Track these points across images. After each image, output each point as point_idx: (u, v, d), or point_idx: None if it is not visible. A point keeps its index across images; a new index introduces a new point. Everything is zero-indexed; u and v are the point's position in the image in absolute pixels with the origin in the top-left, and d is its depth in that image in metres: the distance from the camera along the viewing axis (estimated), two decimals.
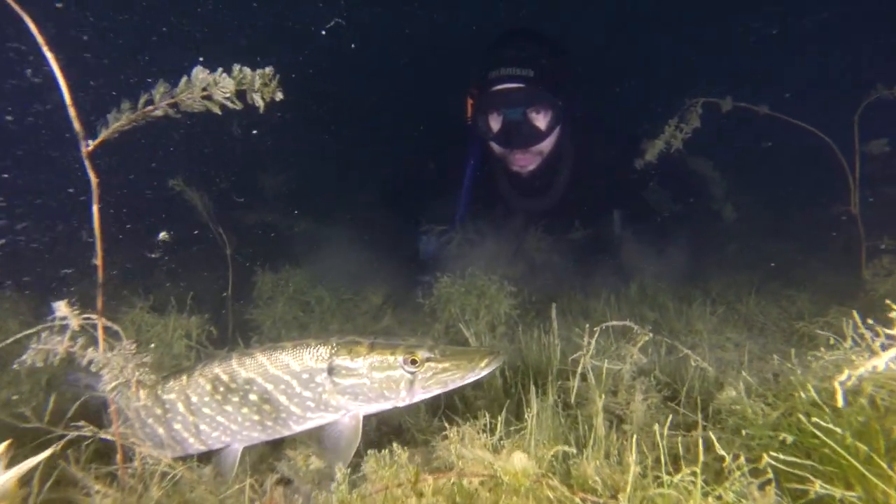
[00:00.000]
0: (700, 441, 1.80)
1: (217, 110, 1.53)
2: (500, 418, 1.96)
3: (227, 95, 1.49)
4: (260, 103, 1.53)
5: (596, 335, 2.01)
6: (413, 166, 5.76)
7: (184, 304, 3.87)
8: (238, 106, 1.53)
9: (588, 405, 2.17)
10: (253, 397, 2.04)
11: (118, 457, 1.69)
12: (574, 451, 1.59)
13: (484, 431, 2.00)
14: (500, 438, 1.98)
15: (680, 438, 1.83)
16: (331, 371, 2.01)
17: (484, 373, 2.01)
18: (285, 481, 2.06)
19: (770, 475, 1.38)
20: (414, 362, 1.98)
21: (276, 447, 2.28)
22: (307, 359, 2.04)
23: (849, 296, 3.90)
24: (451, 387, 2.03)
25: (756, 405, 1.90)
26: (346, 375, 2.00)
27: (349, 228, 6.49)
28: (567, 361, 2.60)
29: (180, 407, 2.06)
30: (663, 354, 2.75)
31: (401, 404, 2.05)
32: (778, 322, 3.82)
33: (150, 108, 1.48)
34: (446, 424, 2.09)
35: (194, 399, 2.05)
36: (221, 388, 2.04)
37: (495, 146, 4.78)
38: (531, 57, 4.47)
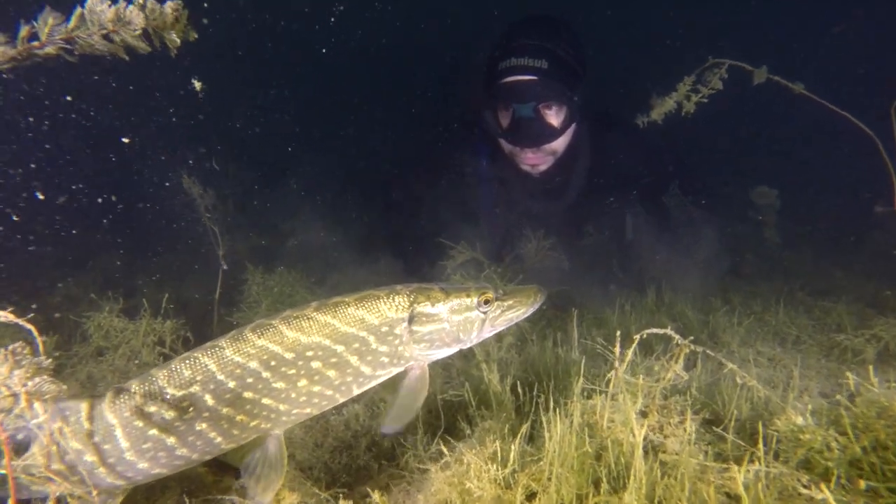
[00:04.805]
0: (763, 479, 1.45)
1: (123, 54, 1.20)
2: (513, 447, 1.60)
3: (137, 34, 1.17)
4: (174, 43, 1.20)
5: (633, 344, 1.66)
6: (417, 169, 5.28)
7: (160, 308, 3.53)
8: (145, 49, 1.20)
9: (615, 428, 1.81)
10: (316, 364, 1.74)
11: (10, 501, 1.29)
12: (617, 500, 1.22)
13: (493, 461, 1.64)
14: (514, 471, 1.62)
15: (739, 475, 1.47)
16: (412, 320, 1.85)
17: (538, 305, 2.09)
18: None
19: None
20: (487, 302, 1.96)
21: (225, 470, 1.91)
22: (386, 310, 1.83)
23: (892, 307, 3.54)
24: (514, 322, 2.06)
25: (830, 435, 1.54)
26: (426, 322, 1.88)
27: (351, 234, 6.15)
28: (589, 375, 2.25)
29: (208, 400, 1.64)
30: (699, 369, 2.39)
31: (467, 346, 1.99)
32: (813, 334, 3.45)
33: (36, 44, 1.15)
34: (444, 451, 1.74)
35: (230, 385, 1.65)
36: (273, 363, 1.69)
37: (504, 143, 4.42)
38: (545, 47, 4.06)
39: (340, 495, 1.56)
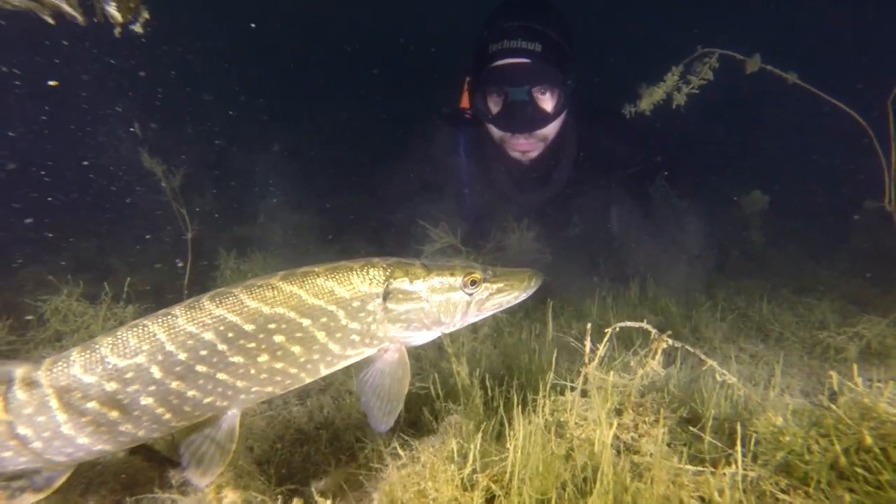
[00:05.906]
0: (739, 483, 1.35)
1: (49, 18, 1.05)
2: (473, 444, 1.49)
3: None
4: (114, 19, 1.05)
5: (606, 338, 1.55)
6: (394, 157, 5.13)
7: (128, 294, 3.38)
8: (79, 18, 1.05)
9: (587, 427, 1.71)
10: (279, 339, 1.57)
11: None
12: None
13: (451, 461, 1.53)
14: (474, 471, 1.51)
15: (711, 478, 1.37)
16: (386, 296, 1.67)
17: (532, 291, 1.90)
18: None
19: None
20: (473, 283, 1.79)
21: (168, 465, 1.78)
22: (358, 283, 1.65)
23: (875, 305, 3.48)
24: (505, 307, 1.88)
25: (810, 437, 1.45)
26: (402, 300, 1.71)
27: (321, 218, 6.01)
28: (562, 370, 2.15)
29: (155, 372, 1.48)
30: (679, 366, 2.30)
31: (450, 330, 1.83)
32: (796, 331, 3.38)
33: None
34: (399, 449, 1.62)
35: (181, 357, 1.50)
36: (230, 335, 1.53)
37: (494, 129, 4.25)
38: (538, 29, 3.89)
39: (282, 494, 1.44)
